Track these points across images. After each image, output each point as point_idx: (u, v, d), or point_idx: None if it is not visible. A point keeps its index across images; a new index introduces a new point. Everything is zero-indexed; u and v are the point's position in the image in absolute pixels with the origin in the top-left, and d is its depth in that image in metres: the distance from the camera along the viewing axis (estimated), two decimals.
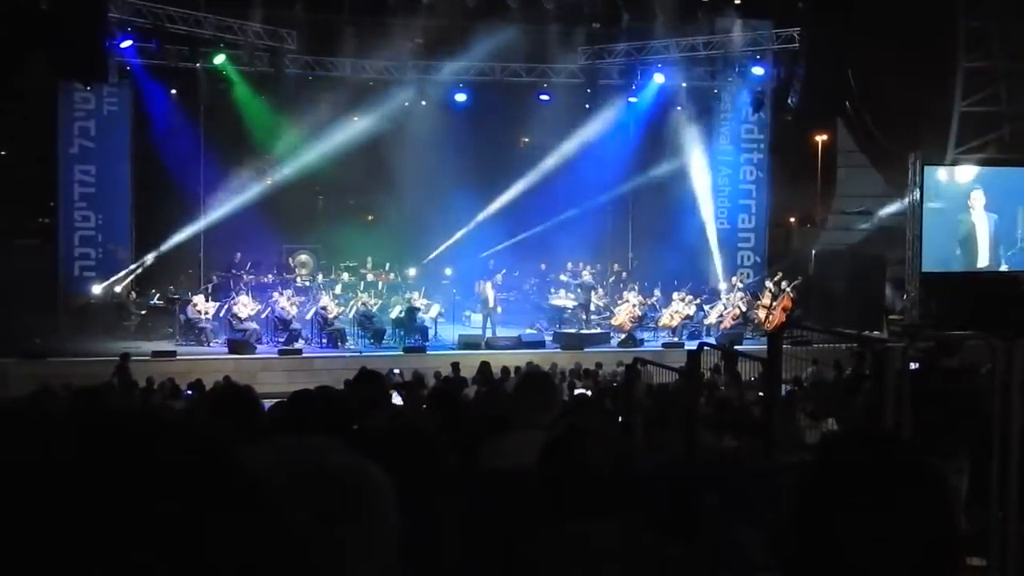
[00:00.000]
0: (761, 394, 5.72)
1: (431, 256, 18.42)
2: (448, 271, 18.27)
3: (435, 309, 16.48)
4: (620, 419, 5.43)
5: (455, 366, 11.59)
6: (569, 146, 18.14)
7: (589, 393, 8.50)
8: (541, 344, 15.35)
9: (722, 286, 18.19)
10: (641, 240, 20.43)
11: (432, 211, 18.29)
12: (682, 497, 1.90)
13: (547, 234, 18.05)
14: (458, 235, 18.37)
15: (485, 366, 11.26)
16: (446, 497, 2.51)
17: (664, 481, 1.95)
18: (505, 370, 10.90)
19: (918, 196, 17.24)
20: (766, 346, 4.62)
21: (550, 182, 18.07)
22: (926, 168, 17.26)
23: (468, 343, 14.96)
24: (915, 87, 16.79)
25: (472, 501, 2.48)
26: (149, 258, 16.82)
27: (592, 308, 16.98)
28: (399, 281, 17.68)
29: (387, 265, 17.89)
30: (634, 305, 16.73)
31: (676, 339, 16.14)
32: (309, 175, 17.79)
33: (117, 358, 12.29)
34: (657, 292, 17.96)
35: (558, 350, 15.00)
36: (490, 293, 16.30)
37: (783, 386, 5.58)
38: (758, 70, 18.77)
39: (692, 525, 2.14)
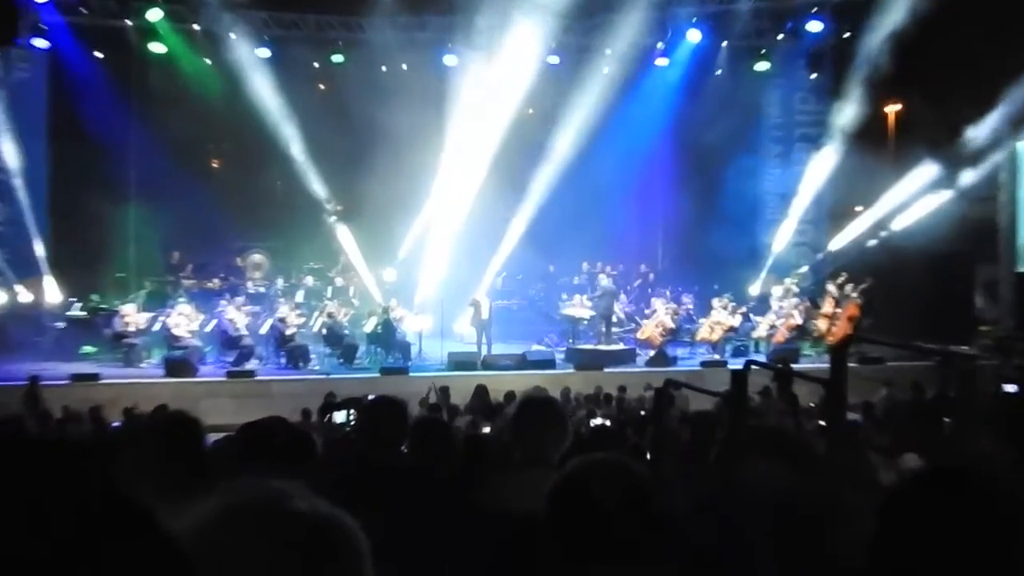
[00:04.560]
0: (822, 423, 5.71)
1: (412, 253, 18.45)
2: (435, 273, 18.27)
3: (419, 321, 16.47)
4: (648, 455, 5.43)
5: (444, 390, 11.59)
6: (584, 120, 18.19)
7: (609, 424, 8.49)
8: (551, 363, 15.35)
9: (774, 291, 18.19)
10: (673, 235, 20.45)
11: (415, 199, 18.32)
12: (724, 545, 1.89)
13: (557, 228, 18.08)
14: (448, 228, 18.39)
15: (482, 390, 11.25)
16: (436, 545, 2.51)
17: (702, 527, 1.94)
18: (509, 396, 10.88)
19: (1010, 180, 17.25)
20: (828, 364, 4.61)
21: (560, 163, 18.11)
22: (1018, 146, 17.29)
23: (460, 363, 14.96)
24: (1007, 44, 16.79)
25: (467, 550, 2.47)
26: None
27: (613, 319, 16.98)
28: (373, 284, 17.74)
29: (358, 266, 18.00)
30: (665, 315, 16.73)
31: (717, 356, 16.13)
32: (265, 156, 17.86)
33: (26, 383, 12.29)
34: (692, 298, 17.96)
35: (571, 371, 15.01)
36: (484, 301, 16.30)
37: (850, 414, 5.55)
38: (815, 25, 18.80)
39: None
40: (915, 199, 18.60)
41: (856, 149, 18.56)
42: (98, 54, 17.73)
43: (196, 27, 17.40)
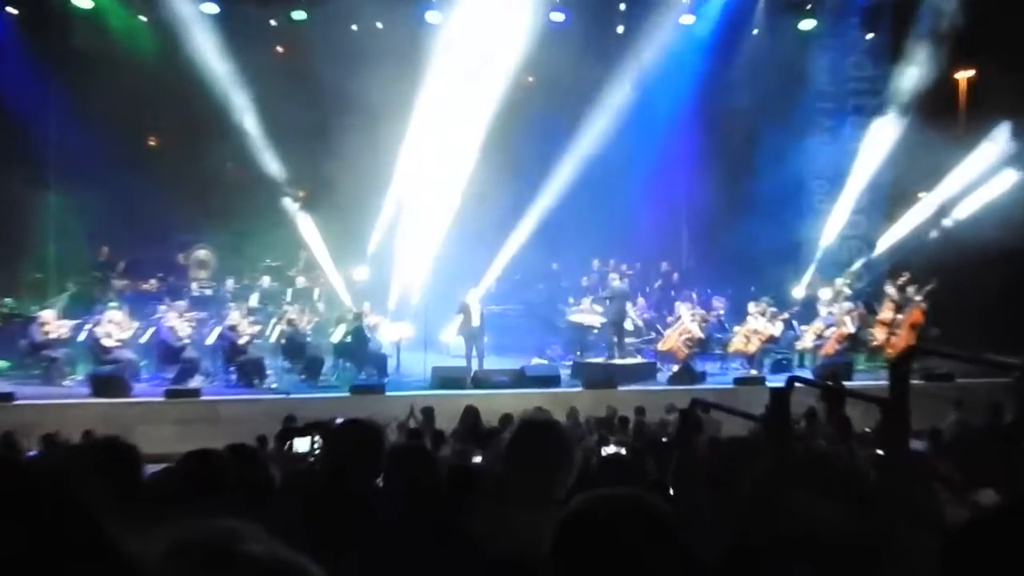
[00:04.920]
0: (880, 452, 5.71)
1: (387, 248, 18.43)
2: (416, 271, 18.27)
3: (397, 329, 16.46)
4: (672, 489, 5.44)
5: (427, 412, 11.60)
6: (593, 90, 18.18)
7: (625, 452, 8.50)
8: (554, 380, 15.36)
9: (821, 294, 18.22)
10: (700, 227, 20.46)
11: (392, 183, 18.30)
12: None
13: (562, 218, 18.09)
14: (431, 218, 18.38)
15: (472, 413, 11.26)
16: None
17: (735, 573, 1.95)
18: (505, 419, 10.91)
19: None
20: (886, 381, 4.62)
21: (566, 141, 18.11)
22: None
23: (446, 379, 14.97)
24: None
25: None
26: None
27: (628, 326, 16.99)
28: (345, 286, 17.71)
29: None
30: (691, 322, 16.75)
31: (754, 372, 16.16)
32: (212, 132, 17.84)
33: None
34: (723, 302, 17.96)
35: (579, 389, 15.02)
36: (475, 305, 16.30)
37: (913, 440, 5.55)
38: None
39: None
40: (988, 182, 18.64)
41: (920, 123, 18.57)
42: (11, 10, 17.69)
43: None
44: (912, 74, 18.80)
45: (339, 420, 4.35)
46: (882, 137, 19.42)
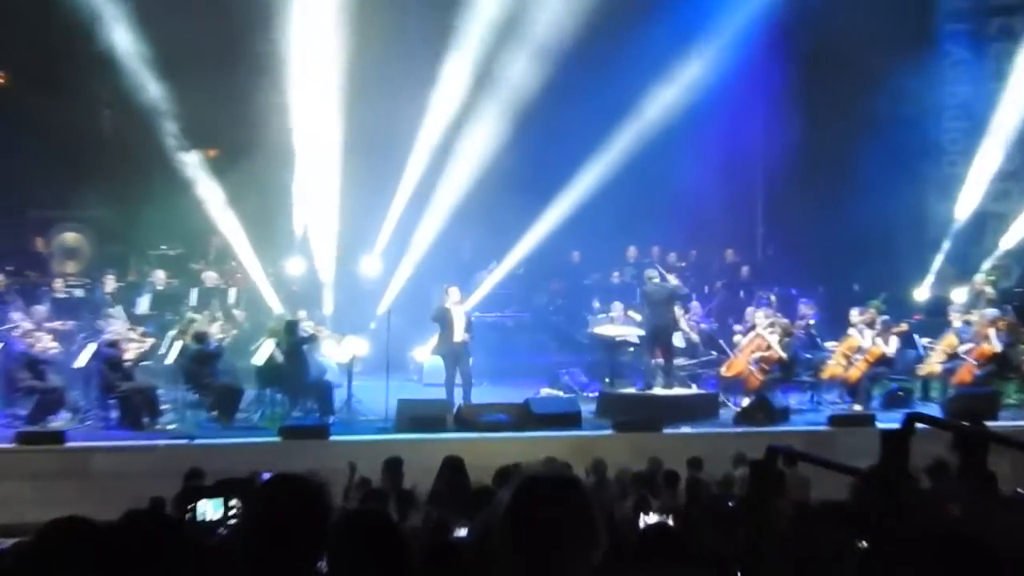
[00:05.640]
0: None
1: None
2: (373, 267, 18.31)
3: (348, 345, 16.45)
4: (739, 574, 5.47)
5: (392, 465, 11.61)
6: (629, 15, 18.17)
7: (673, 522, 8.51)
8: (574, 420, 15.37)
9: (954, 296, 18.21)
10: (779, 203, 20.47)
11: (334, 136, 18.31)
12: None
13: (585, 190, 18.07)
14: (397, 195, 18.43)
15: (454, 466, 11.26)
16: None
17: None
18: (502, 475, 10.91)
19: None
20: None
21: (593, 82, 18.09)
22: None
23: (418, 418, 14.97)
24: None
25: None
26: None
27: (680, 342, 16.98)
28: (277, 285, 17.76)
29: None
30: (769, 335, 16.73)
31: (858, 407, 16.18)
32: (82, 67, 17.82)
33: None
34: (814, 308, 17.95)
35: (608, 432, 15.03)
36: (459, 312, 16.29)
37: None
38: None
39: None
40: None
41: None
42: None
43: None
44: None
45: (265, 476, 4.35)
46: None
